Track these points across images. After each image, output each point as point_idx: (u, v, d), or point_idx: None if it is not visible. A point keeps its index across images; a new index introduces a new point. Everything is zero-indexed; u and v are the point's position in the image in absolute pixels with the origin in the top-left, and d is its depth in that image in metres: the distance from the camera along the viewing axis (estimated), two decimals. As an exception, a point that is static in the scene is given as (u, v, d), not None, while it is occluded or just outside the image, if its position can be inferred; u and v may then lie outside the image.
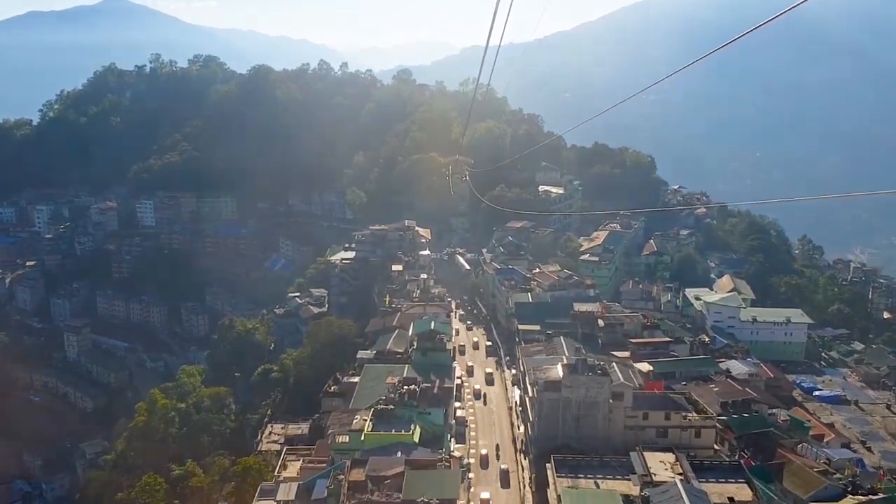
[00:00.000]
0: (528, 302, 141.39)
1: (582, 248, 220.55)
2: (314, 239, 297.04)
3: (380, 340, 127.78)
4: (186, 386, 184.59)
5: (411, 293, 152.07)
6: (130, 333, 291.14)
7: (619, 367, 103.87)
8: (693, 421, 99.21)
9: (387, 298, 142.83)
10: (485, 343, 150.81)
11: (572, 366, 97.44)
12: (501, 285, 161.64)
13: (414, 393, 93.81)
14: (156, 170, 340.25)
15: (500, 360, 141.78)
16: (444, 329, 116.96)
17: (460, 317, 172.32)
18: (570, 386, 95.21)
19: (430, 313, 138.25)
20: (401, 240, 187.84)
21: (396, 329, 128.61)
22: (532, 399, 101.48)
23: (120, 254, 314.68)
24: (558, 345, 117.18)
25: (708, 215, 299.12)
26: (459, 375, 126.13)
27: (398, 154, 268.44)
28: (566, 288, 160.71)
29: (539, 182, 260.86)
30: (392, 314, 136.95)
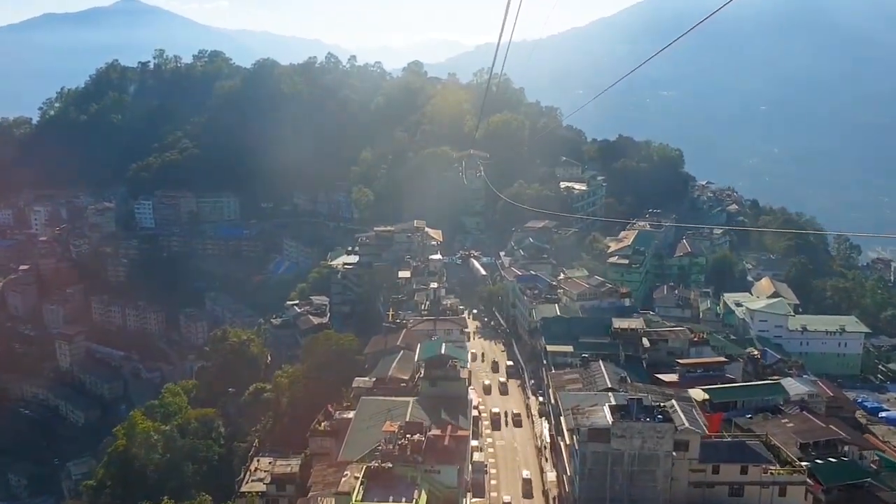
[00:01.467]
0: (556, 316, 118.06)
1: (609, 250, 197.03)
2: (320, 240, 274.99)
3: (381, 364, 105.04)
4: (171, 406, 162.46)
5: (419, 305, 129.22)
6: (126, 341, 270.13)
7: (679, 404, 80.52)
8: (777, 475, 76.00)
9: (390, 312, 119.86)
10: (505, 362, 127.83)
11: (624, 408, 74.35)
12: (523, 294, 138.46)
13: (419, 445, 70.92)
14: (155, 168, 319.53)
15: (524, 384, 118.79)
16: (457, 353, 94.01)
17: (476, 329, 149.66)
18: (621, 436, 72.14)
19: (440, 330, 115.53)
20: (409, 242, 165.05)
21: (401, 350, 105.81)
22: (570, 448, 78.48)
23: (116, 257, 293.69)
24: (597, 372, 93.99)
25: (740, 212, 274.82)
26: (476, 405, 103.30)
27: (408, 149, 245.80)
28: (598, 297, 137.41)
29: (560, 178, 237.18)
30: (396, 331, 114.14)
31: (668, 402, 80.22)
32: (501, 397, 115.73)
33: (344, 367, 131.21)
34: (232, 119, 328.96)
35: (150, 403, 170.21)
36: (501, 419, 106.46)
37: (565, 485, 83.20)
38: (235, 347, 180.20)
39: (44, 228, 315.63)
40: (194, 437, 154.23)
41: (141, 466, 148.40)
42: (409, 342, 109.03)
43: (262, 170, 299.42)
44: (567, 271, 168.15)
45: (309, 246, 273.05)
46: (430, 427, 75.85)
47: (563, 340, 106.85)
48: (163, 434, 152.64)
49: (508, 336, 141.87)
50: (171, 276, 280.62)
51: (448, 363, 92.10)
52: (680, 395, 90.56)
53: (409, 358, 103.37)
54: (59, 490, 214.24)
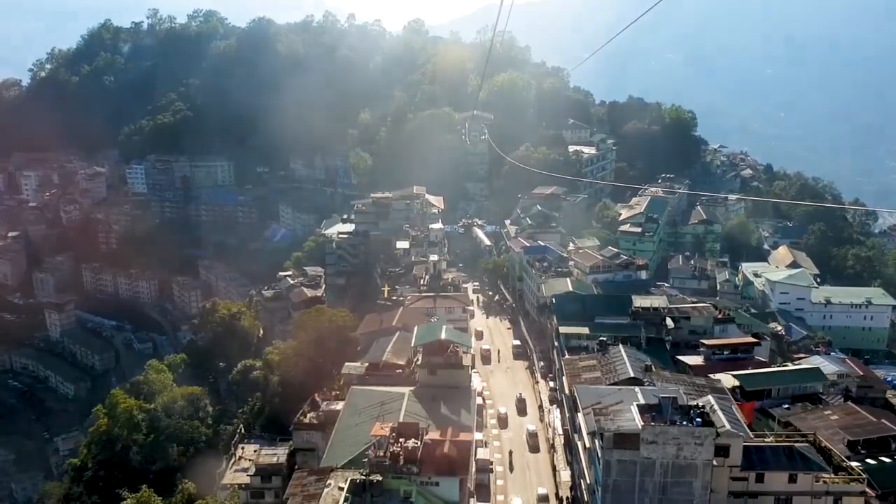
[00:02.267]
0: (568, 293, 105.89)
1: (621, 218, 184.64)
2: (317, 207, 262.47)
3: (375, 346, 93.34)
4: (155, 384, 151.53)
5: (418, 279, 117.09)
6: (118, 311, 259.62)
7: (715, 399, 68.87)
8: (831, 484, 64.73)
9: (385, 289, 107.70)
10: (511, 342, 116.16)
11: (655, 408, 62.65)
12: (531, 267, 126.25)
13: (414, 453, 59.44)
14: (147, 132, 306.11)
15: (533, 366, 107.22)
16: (459, 337, 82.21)
17: (480, 303, 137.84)
18: (653, 442, 60.54)
19: (441, 308, 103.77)
20: (408, 210, 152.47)
21: (397, 332, 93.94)
22: (590, 452, 67.03)
23: (108, 223, 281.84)
24: (617, 358, 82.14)
25: (755, 178, 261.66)
26: (481, 390, 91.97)
27: (408, 110, 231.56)
28: (612, 270, 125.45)
29: (568, 141, 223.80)
30: (392, 309, 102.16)
31: (704, 398, 68.63)
32: (506, 379, 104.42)
33: (337, 344, 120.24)
34: (227, 80, 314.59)
35: (136, 379, 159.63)
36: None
37: (583, 491, 71.93)
38: (225, 321, 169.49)
39: (35, 194, 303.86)
40: (180, 416, 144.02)
41: (124, 448, 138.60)
42: (407, 322, 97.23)
43: (258, 133, 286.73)
44: (577, 241, 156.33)
45: (305, 213, 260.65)
46: (427, 428, 64.30)
47: (577, 320, 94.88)
48: (147, 413, 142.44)
49: (514, 312, 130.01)
50: (164, 243, 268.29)
51: (448, 349, 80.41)
52: (712, 385, 79.15)
53: (405, 340, 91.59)
54: (48, 466, 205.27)
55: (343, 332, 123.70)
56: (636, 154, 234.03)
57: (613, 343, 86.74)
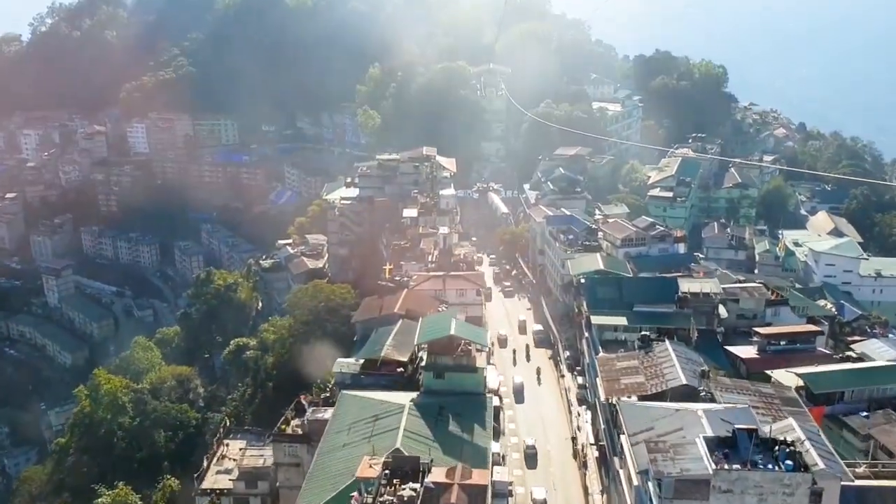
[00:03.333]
0: (600, 273, 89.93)
1: (650, 181, 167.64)
2: (324, 168, 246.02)
3: (373, 338, 77.86)
4: (142, 362, 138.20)
5: (426, 254, 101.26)
6: (118, 276, 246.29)
7: (797, 421, 53.37)
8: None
9: (387, 267, 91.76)
10: (532, 326, 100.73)
11: (728, 443, 47.09)
12: (555, 240, 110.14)
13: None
14: (149, 88, 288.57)
15: (557, 356, 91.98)
16: (472, 334, 66.87)
17: (495, 277, 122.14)
18: (727, 490, 45.14)
19: (452, 290, 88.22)
20: (416, 174, 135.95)
21: (399, 320, 78.43)
22: (640, 491, 51.71)
23: (108, 184, 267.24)
24: (664, 358, 66.44)
25: (788, 137, 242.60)
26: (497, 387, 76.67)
27: (419, 64, 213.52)
28: (647, 243, 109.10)
29: (590, 97, 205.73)
30: (395, 292, 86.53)
31: (784, 422, 53.14)
32: (526, 371, 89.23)
33: (337, 326, 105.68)
34: (232, 34, 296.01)
35: (124, 355, 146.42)
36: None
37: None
38: (220, 292, 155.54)
39: (35, 154, 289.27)
40: (168, 399, 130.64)
41: (108, 432, 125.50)
42: (411, 307, 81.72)
43: (264, 90, 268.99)
44: (604, 207, 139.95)
45: (311, 175, 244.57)
46: (430, 463, 49.09)
47: (611, 307, 78.99)
48: (133, 394, 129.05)
49: (535, 290, 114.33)
50: (166, 205, 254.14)
51: (459, 347, 65.15)
52: (783, 396, 63.73)
53: (409, 330, 76.23)
54: (43, 439, 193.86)
55: (344, 311, 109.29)
56: (663, 111, 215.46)
57: (658, 338, 70.99)
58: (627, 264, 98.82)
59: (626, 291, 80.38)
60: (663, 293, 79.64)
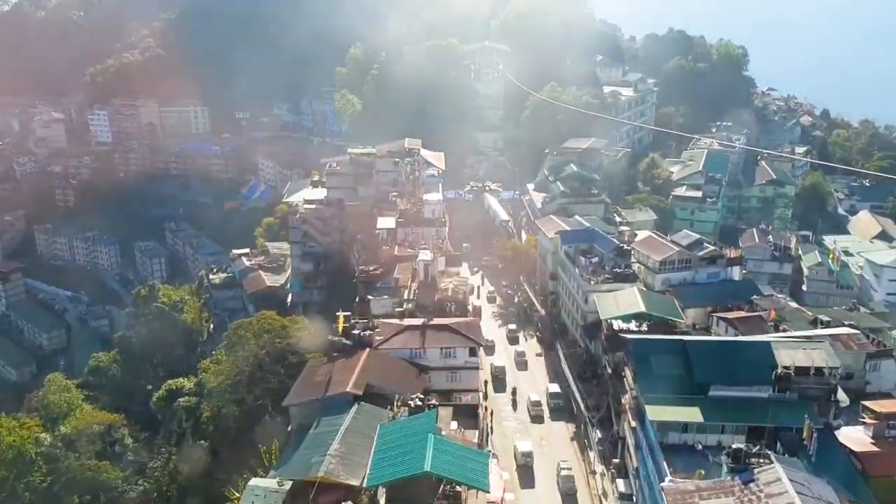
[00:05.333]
0: (641, 318, 62.61)
1: (675, 178, 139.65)
2: (302, 159, 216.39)
3: (312, 435, 49.70)
4: (57, 406, 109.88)
5: (403, 287, 72.98)
6: (74, 279, 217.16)
7: None
8: None
9: (340, 318, 62.82)
10: (546, 385, 72.65)
11: None
12: (572, 262, 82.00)
13: None
14: (112, 72, 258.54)
15: (585, 437, 64.20)
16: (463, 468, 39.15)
17: (494, 311, 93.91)
18: None
19: (436, 348, 60.16)
20: (396, 171, 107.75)
21: (353, 407, 50.41)
22: None
23: (66, 177, 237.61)
24: (779, 497, 38.70)
25: (815, 125, 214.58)
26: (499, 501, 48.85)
27: (404, 42, 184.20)
28: (692, 266, 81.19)
29: (602, 81, 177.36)
30: (352, 354, 58.36)
31: None
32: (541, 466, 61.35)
33: (285, 380, 77.90)
34: (205, 14, 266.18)
35: (38, 396, 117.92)
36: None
37: None
38: (164, 312, 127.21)
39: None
40: (88, 453, 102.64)
41: (10, 496, 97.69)
42: (375, 381, 53.87)
43: (238, 73, 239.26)
44: (625, 212, 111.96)
45: (288, 167, 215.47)
46: None
47: (674, 387, 51.02)
48: (43, 449, 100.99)
49: (546, 326, 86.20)
50: (128, 200, 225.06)
51: (439, 492, 37.33)
52: None
53: (368, 423, 48.48)
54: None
55: (298, 357, 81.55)
56: (679, 97, 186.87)
57: (759, 451, 43.21)
58: (677, 304, 70.77)
59: (695, 362, 52.23)
60: (752, 367, 51.59)
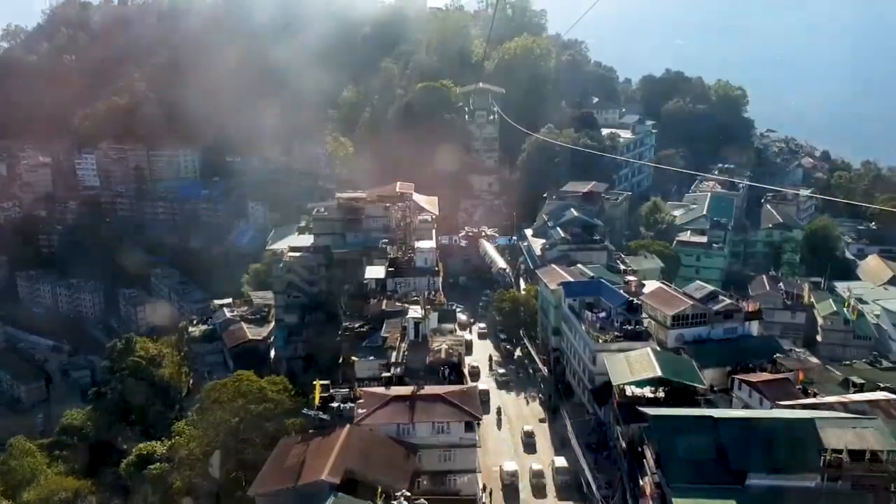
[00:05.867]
0: (660, 385, 55.19)
1: (679, 222, 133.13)
2: (293, 203, 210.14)
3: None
4: (20, 472, 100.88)
5: (391, 347, 65.27)
6: (56, 327, 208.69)
7: None
8: None
9: (317, 387, 53.60)
10: (552, 458, 64.52)
11: None
12: (577, 317, 74.57)
13: None
14: (101, 116, 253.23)
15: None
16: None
17: (491, 367, 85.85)
18: None
19: (425, 422, 52.38)
20: (386, 217, 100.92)
21: (331, 496, 42.47)
22: None
23: (51, 222, 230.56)
24: None
25: (816, 168, 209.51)
26: None
27: (398, 85, 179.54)
28: (708, 321, 73.96)
29: (601, 123, 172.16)
30: (328, 431, 50.27)
31: None
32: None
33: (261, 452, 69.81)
34: (197, 58, 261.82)
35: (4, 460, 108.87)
36: None
37: None
38: (141, 367, 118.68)
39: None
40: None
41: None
42: (354, 465, 45.96)
43: (230, 117, 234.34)
44: (629, 259, 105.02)
45: (278, 211, 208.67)
46: None
47: (703, 473, 43.37)
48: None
49: (548, 386, 78.30)
50: (114, 246, 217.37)
51: None
52: None
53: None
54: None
55: (276, 423, 73.63)
56: (678, 139, 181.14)
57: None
58: (695, 366, 63.32)
59: (729, 445, 44.55)
60: (796, 451, 43.90)
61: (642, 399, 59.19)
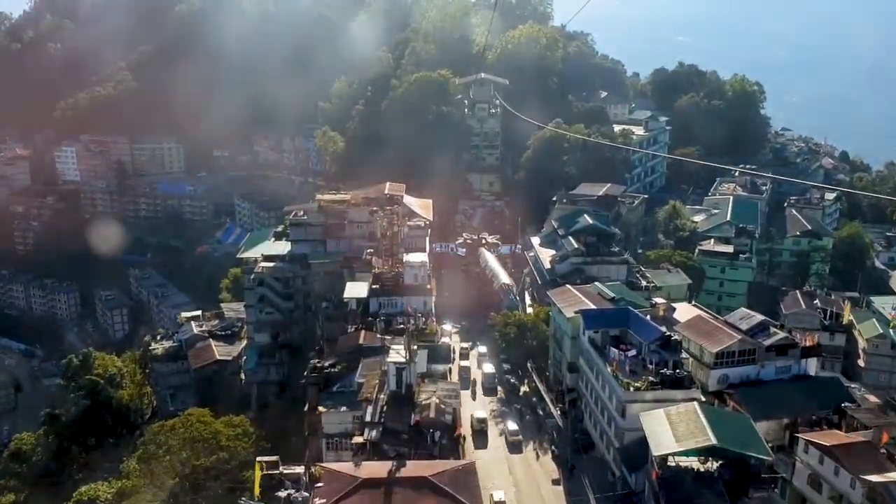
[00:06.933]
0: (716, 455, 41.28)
1: (700, 228, 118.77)
2: (282, 200, 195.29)
3: None
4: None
5: (368, 400, 50.92)
6: (30, 331, 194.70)
7: None
8: None
9: (257, 471, 39.61)
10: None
11: None
12: (602, 356, 60.08)
13: None
14: (83, 107, 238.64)
15: None
16: None
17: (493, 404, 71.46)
18: None
19: None
20: (372, 223, 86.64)
21: None
22: None
23: (27, 218, 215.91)
24: None
25: (837, 168, 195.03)
26: None
27: (392, 75, 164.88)
28: (759, 359, 59.71)
29: (613, 119, 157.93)
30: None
31: None
32: None
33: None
34: (185, 48, 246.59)
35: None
36: None
37: None
38: (98, 387, 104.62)
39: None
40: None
41: None
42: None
43: (218, 109, 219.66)
44: (650, 272, 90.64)
45: (265, 209, 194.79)
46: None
47: None
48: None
49: (562, 439, 63.81)
50: (92, 244, 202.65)
51: None
52: None
53: None
54: None
55: (227, 480, 59.51)
56: (692, 136, 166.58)
57: None
58: (756, 429, 48.99)
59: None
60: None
61: (689, 472, 45.05)
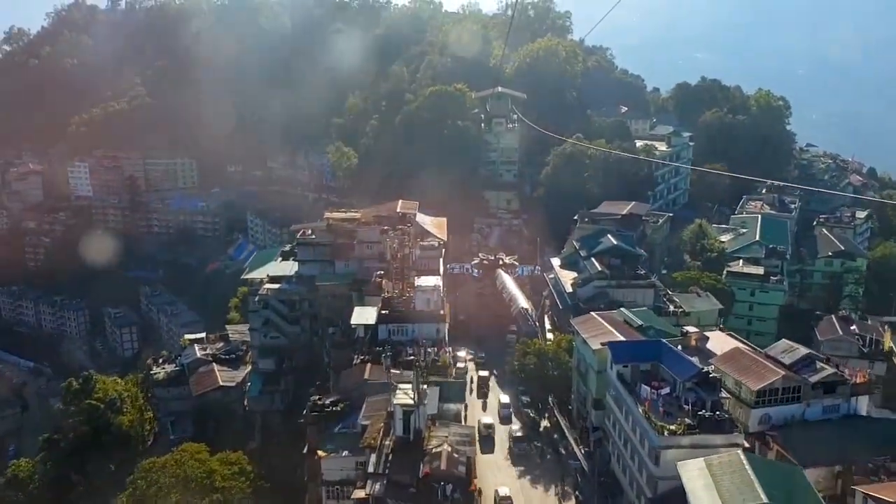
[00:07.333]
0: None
1: (728, 248, 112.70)
2: (295, 216, 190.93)
3: None
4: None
5: (371, 446, 45.46)
6: (38, 348, 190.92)
7: None
8: None
9: None
10: None
11: None
12: (631, 394, 54.23)
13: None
14: (98, 122, 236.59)
15: None
16: None
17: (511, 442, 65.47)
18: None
19: None
20: (382, 244, 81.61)
21: None
22: None
23: (38, 234, 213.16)
24: None
25: (866, 185, 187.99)
26: None
27: (407, 90, 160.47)
28: (804, 397, 53.59)
29: (635, 134, 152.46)
30: None
31: None
32: None
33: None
34: (200, 63, 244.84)
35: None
36: None
37: None
38: (98, 412, 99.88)
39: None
40: None
41: None
42: None
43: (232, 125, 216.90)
44: (678, 297, 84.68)
45: (278, 225, 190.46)
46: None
47: None
48: None
49: (586, 483, 57.99)
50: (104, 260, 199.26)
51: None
52: None
53: None
54: None
55: None
56: (716, 152, 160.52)
57: None
58: (811, 484, 43.04)
59: None
60: None
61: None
